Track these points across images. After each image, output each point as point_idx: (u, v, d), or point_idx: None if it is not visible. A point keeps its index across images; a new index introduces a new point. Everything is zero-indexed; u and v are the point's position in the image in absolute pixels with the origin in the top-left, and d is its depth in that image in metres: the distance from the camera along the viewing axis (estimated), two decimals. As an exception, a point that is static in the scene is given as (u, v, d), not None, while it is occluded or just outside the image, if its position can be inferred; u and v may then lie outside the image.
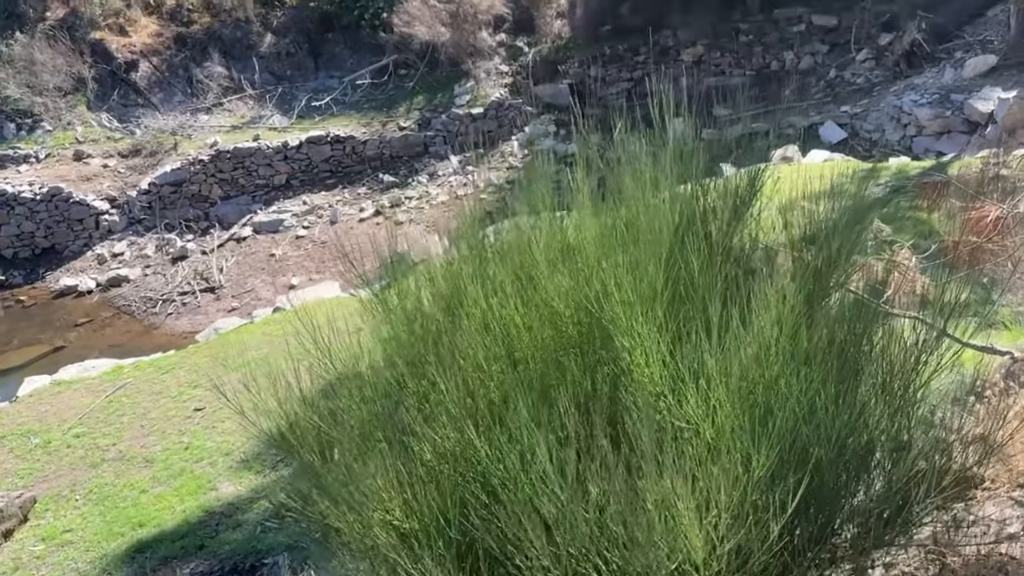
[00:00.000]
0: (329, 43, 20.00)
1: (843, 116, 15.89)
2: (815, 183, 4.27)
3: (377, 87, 19.12)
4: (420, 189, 16.78)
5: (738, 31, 18.61)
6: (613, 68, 19.13)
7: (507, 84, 18.81)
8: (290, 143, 17.24)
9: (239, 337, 8.19)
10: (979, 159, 10.64)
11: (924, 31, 16.11)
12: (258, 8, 19.96)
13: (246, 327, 8.87)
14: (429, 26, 17.92)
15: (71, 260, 16.06)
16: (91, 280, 15.37)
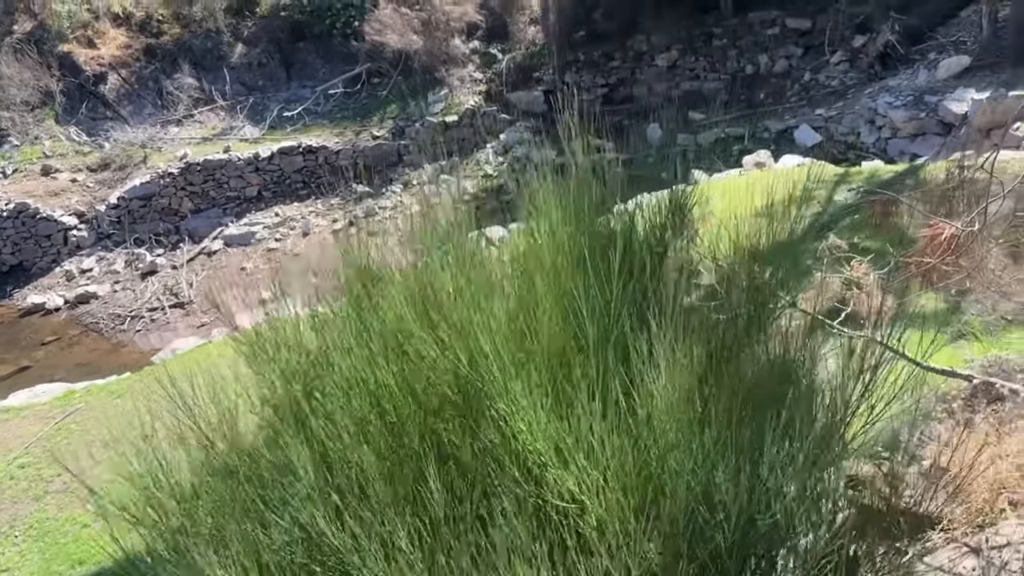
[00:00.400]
0: (301, 52, 19.78)
1: (818, 119, 15.80)
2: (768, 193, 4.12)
3: (350, 96, 18.91)
4: (394, 199, 16.58)
5: (712, 35, 18.52)
6: (588, 74, 19.00)
7: (481, 92, 18.66)
8: (261, 154, 17.00)
9: (195, 356, 7.97)
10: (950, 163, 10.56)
11: (898, 33, 16.05)
12: (228, 18, 19.72)
13: (204, 347, 8.64)
14: (401, 34, 17.74)
15: (39, 277, 15.75)
16: (59, 297, 15.06)
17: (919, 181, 9.41)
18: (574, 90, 18.92)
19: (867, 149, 14.81)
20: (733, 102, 17.88)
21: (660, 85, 18.89)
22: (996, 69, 14.64)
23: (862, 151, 14.84)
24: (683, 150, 16.76)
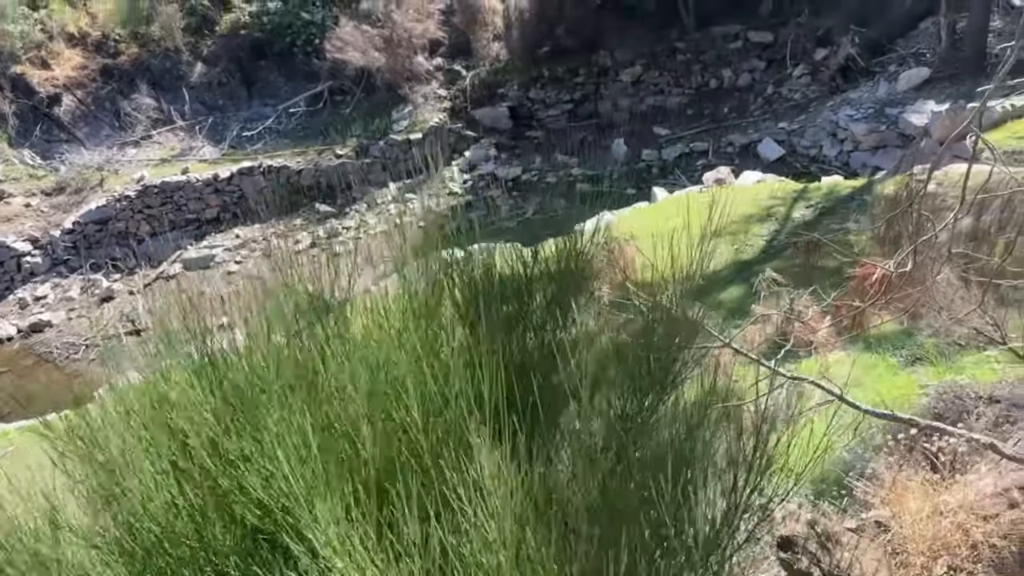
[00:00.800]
0: (262, 71, 19.53)
1: (781, 133, 15.80)
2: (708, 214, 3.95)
3: (313, 114, 18.67)
4: (357, 219, 16.34)
5: (675, 50, 18.51)
6: (553, 90, 18.90)
7: (446, 108, 18.49)
8: (221, 175, 16.71)
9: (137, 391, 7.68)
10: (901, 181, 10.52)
11: (858, 45, 16.12)
12: (187, 37, 19.43)
13: (149, 381, 8.34)
14: (363, 52, 17.54)
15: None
16: (11, 326, 14.64)
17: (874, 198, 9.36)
18: (539, 106, 18.88)
19: (830, 162, 14.82)
20: (697, 116, 17.87)
21: (625, 100, 18.84)
22: (955, 80, 14.71)
23: (825, 164, 14.84)
24: (648, 165, 16.73)
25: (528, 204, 16.16)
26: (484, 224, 15.64)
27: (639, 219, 10.32)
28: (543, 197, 16.35)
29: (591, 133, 18.41)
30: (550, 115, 18.94)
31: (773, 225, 9.11)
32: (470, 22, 18.50)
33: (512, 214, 15.86)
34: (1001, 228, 5.27)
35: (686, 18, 18.36)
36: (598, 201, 16.18)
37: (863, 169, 14.16)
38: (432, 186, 17.24)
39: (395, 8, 17.54)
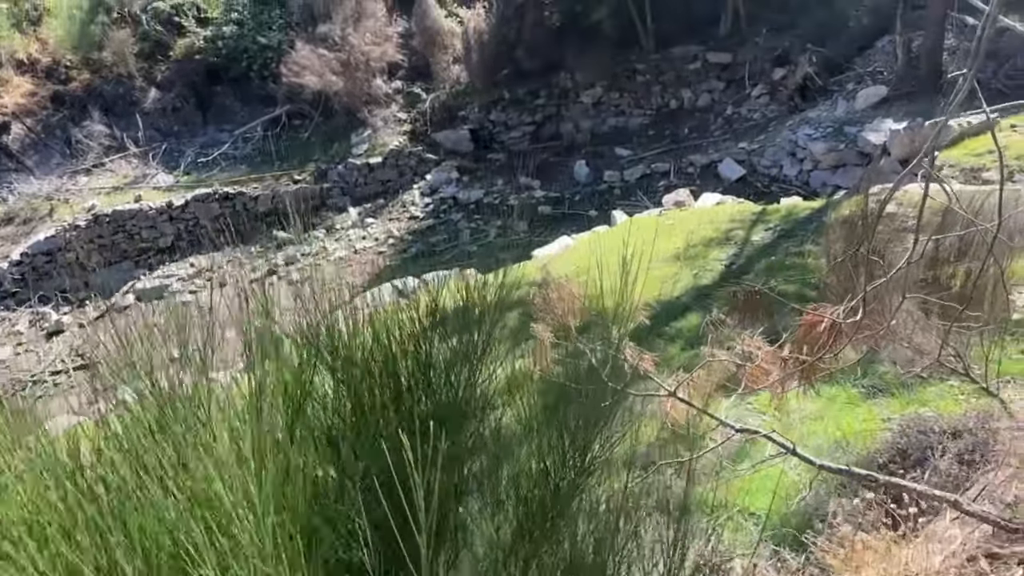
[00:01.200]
0: (218, 96, 19.20)
1: (741, 152, 15.78)
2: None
3: (270, 139, 18.36)
4: (316, 245, 16.02)
5: (635, 71, 18.50)
6: (514, 112, 18.79)
7: (406, 132, 18.29)
8: (175, 202, 16.32)
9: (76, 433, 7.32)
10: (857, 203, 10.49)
11: (816, 65, 16.20)
12: (141, 62, 19.07)
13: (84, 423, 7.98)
14: (320, 75, 17.30)
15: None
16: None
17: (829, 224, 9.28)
18: (500, 128, 18.75)
19: (790, 181, 14.81)
20: (659, 137, 17.84)
21: (586, 122, 18.78)
22: (913, 98, 14.82)
23: (785, 184, 14.83)
24: (610, 187, 16.64)
25: (490, 227, 15.96)
26: (446, 248, 15.45)
27: (595, 245, 10.14)
28: (505, 220, 16.15)
29: (553, 155, 18.31)
30: (512, 137, 18.82)
31: (732, 249, 8.99)
32: (429, 45, 18.35)
33: (474, 238, 15.65)
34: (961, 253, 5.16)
35: (645, 40, 18.37)
36: (560, 223, 16.10)
37: (823, 188, 14.16)
38: (393, 210, 17.00)
39: (352, 31, 17.34)
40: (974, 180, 12.51)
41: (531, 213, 16.27)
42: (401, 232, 16.21)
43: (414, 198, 17.25)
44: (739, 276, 8.35)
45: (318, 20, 18.14)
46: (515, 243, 15.21)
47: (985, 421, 5.00)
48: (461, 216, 16.56)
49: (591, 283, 8.51)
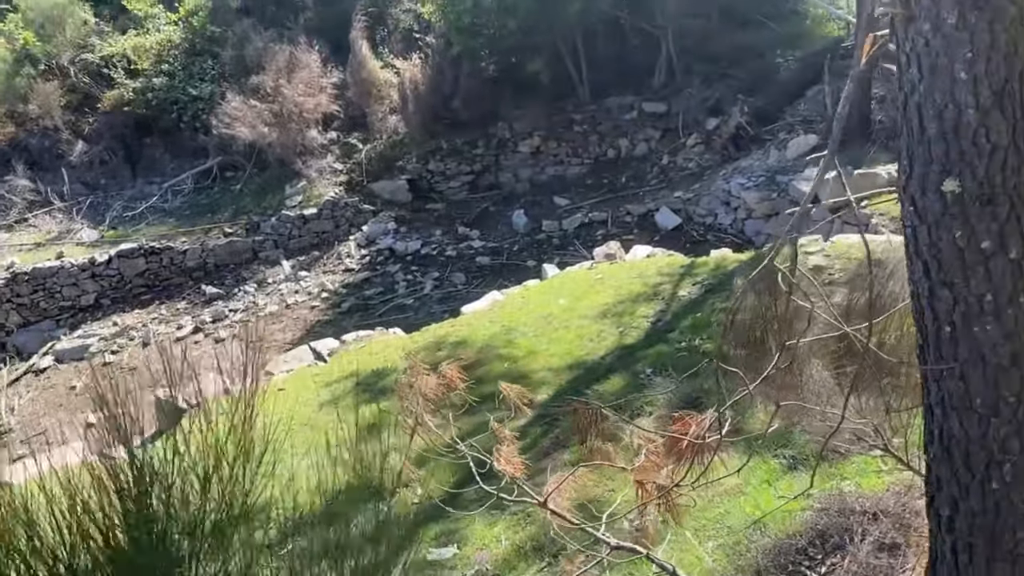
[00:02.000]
0: (148, 148, 18.75)
1: (677, 202, 15.80)
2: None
3: (201, 191, 17.92)
4: (246, 300, 15.52)
5: (572, 121, 18.55)
6: (452, 162, 18.65)
7: (342, 182, 17.99)
8: (98, 259, 15.71)
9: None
10: (798, 247, 10.44)
11: (747, 114, 16.38)
12: (68, 115, 18.56)
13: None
14: (252, 127, 16.98)
15: None
16: None
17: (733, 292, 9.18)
18: (439, 178, 18.58)
19: (725, 230, 14.83)
20: (596, 186, 17.82)
21: (525, 171, 18.72)
22: (843, 147, 14.99)
23: (721, 232, 14.85)
24: (548, 236, 16.50)
25: (427, 279, 15.65)
26: (381, 302, 15.08)
27: (524, 300, 9.91)
28: (442, 271, 15.89)
29: (492, 204, 18.17)
30: (450, 187, 18.66)
31: (660, 305, 8.81)
32: (365, 95, 18.18)
33: (410, 290, 15.31)
34: (880, 310, 4.99)
35: (581, 90, 18.46)
36: (498, 274, 15.89)
37: (757, 237, 14.20)
38: (328, 262, 16.61)
39: (285, 82, 17.10)
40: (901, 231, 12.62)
41: (468, 264, 16.04)
42: (335, 285, 15.80)
43: (350, 250, 16.90)
44: (665, 334, 8.16)
45: (251, 71, 17.88)
46: (452, 295, 14.95)
47: (905, 500, 4.79)
48: (398, 268, 16.24)
49: (511, 345, 8.20)
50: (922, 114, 2.62)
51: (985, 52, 2.46)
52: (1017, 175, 2.52)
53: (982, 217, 2.55)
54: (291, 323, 14.65)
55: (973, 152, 2.51)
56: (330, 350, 9.21)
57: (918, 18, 2.56)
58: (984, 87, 2.47)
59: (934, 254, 2.65)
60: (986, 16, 2.47)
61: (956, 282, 2.60)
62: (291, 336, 14.13)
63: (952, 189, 2.54)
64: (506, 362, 7.95)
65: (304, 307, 15.12)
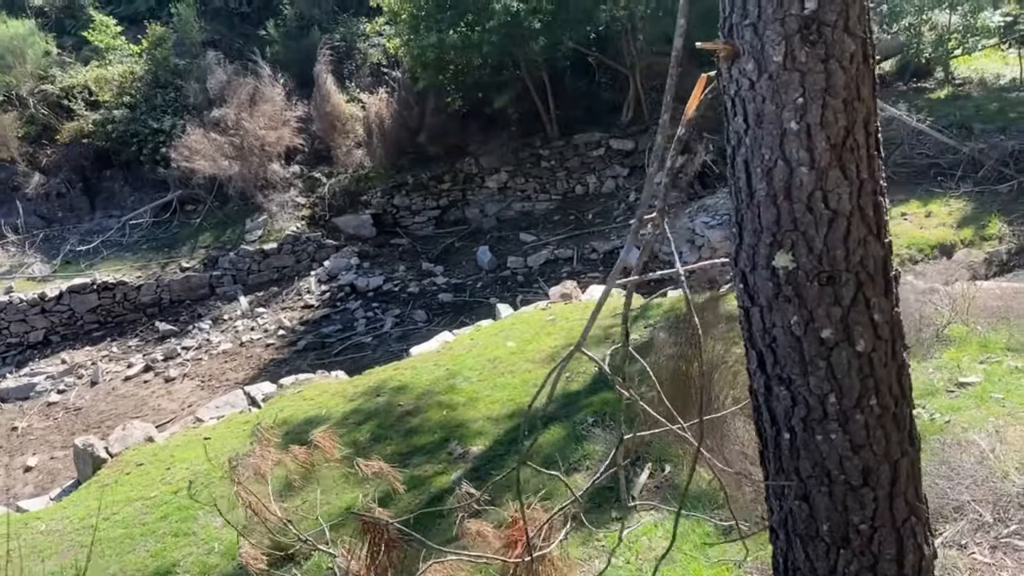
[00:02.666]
0: (107, 181, 18.38)
1: (641, 240, 15.55)
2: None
3: (159, 225, 17.55)
4: (200, 337, 15.08)
5: (540, 157, 18.38)
6: (418, 197, 18.40)
7: (305, 217, 17.67)
8: (48, 294, 15.27)
9: None
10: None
11: (712, 152, 16.25)
12: (25, 147, 18.18)
13: None
14: (212, 160, 16.68)
15: None
16: None
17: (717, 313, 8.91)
18: (405, 213, 18.30)
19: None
20: (563, 222, 17.61)
21: (492, 206, 18.49)
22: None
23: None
24: (513, 273, 16.22)
25: (387, 316, 15.30)
26: (339, 340, 14.70)
27: (474, 342, 9.58)
28: (404, 308, 15.55)
29: (458, 239, 17.89)
30: (416, 222, 18.39)
31: (610, 349, 8.50)
32: (329, 130, 17.95)
33: (369, 328, 14.95)
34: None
35: (549, 127, 18.32)
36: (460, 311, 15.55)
37: (722, 276, 13.97)
38: (287, 298, 16.23)
39: (247, 116, 16.83)
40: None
41: (430, 301, 15.72)
42: (293, 323, 15.41)
43: (310, 285, 16.54)
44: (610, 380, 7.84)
45: (214, 104, 17.63)
46: (412, 332, 14.59)
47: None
48: (359, 304, 15.87)
49: (452, 391, 7.82)
50: (750, 172, 2.20)
51: (819, 96, 2.03)
52: (864, 248, 2.10)
53: (822, 299, 2.08)
54: (244, 362, 14.23)
55: (808, 220, 2.08)
56: (265, 395, 8.82)
57: (742, 55, 2.15)
58: (820, 140, 2.04)
59: (768, 343, 2.22)
60: (819, 52, 2.02)
61: (794, 378, 2.16)
62: (243, 375, 13.70)
63: (785, 265, 2.08)
64: (445, 409, 7.60)
65: (259, 345, 14.71)
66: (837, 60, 2.05)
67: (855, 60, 2.06)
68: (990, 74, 17.49)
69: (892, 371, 2.18)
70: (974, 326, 7.45)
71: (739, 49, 2.13)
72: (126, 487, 7.11)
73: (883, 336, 2.15)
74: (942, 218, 12.72)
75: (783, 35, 2.04)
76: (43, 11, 20.83)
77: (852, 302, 2.10)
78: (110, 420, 12.99)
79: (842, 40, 2.04)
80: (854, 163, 2.08)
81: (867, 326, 2.09)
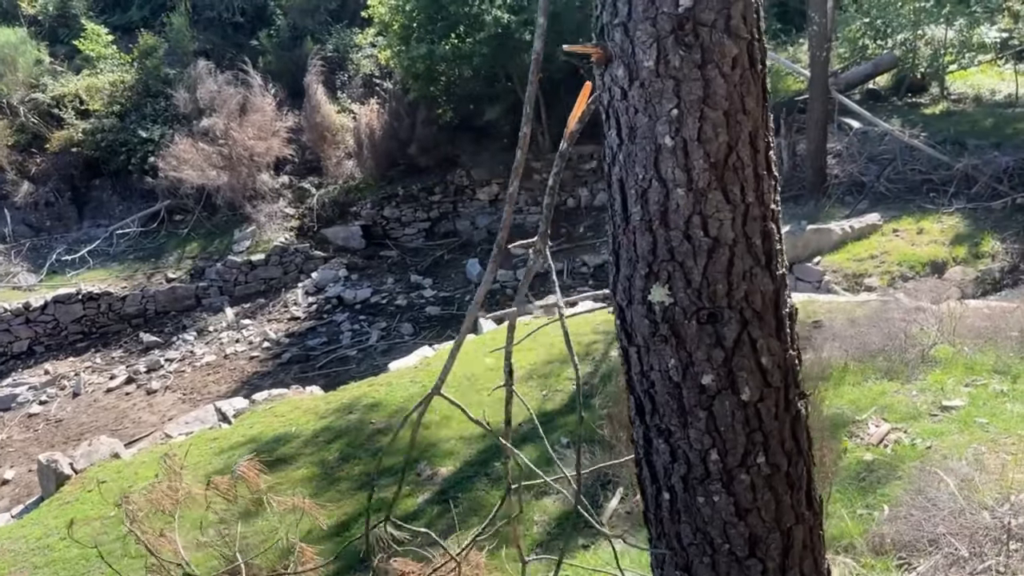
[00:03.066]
0: (96, 190, 18.27)
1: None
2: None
3: (147, 235, 17.40)
4: (184, 349, 14.92)
5: (532, 169, 18.20)
6: (408, 208, 18.26)
7: (293, 228, 17.53)
8: (33, 304, 15.12)
9: None
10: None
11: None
12: (15, 155, 18.07)
13: None
14: (200, 170, 16.56)
15: None
16: None
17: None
18: (394, 225, 18.16)
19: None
20: (554, 235, 17.43)
21: (483, 219, 18.35)
22: (799, 200, 14.74)
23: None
24: (502, 286, 16.05)
25: (373, 329, 15.13)
26: (324, 353, 14.54)
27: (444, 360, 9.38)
28: (390, 321, 15.39)
29: (448, 252, 17.75)
30: (406, 234, 18.24)
31: (589, 367, 8.35)
32: (319, 140, 17.83)
33: (355, 341, 14.78)
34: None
35: (541, 139, 18.16)
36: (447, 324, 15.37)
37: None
38: (273, 310, 16.08)
39: (235, 126, 16.72)
40: (857, 287, 12.25)
41: (418, 314, 15.56)
42: (279, 335, 15.24)
43: (297, 297, 16.39)
44: (588, 399, 7.67)
45: (204, 113, 17.52)
46: (398, 346, 14.42)
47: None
48: (345, 317, 15.71)
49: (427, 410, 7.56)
50: (625, 193, 1.95)
51: (697, 107, 1.75)
52: (749, 282, 1.84)
53: (701, 340, 1.80)
54: (227, 374, 14.06)
55: (686, 249, 1.79)
56: (237, 411, 8.65)
57: (613, 60, 1.90)
58: (698, 157, 1.76)
59: (646, 388, 1.93)
60: (695, 57, 1.74)
61: (673, 430, 1.88)
62: (225, 388, 13.54)
63: (661, 299, 1.83)
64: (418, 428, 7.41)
65: (243, 357, 14.54)
66: (716, 66, 1.79)
67: (739, 66, 1.81)
68: (986, 90, 17.33)
69: (785, 423, 1.93)
70: (961, 347, 7.26)
71: (611, 53, 1.88)
72: (87, 505, 6.93)
73: (773, 383, 1.89)
74: (934, 235, 12.54)
75: (655, 36, 1.79)
76: (37, 20, 20.75)
77: (736, 344, 1.84)
78: (90, 432, 12.82)
79: (722, 43, 1.79)
80: (738, 184, 1.83)
81: (753, 371, 1.84)
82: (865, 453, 5.56)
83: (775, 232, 1.89)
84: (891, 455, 5.51)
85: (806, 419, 2.04)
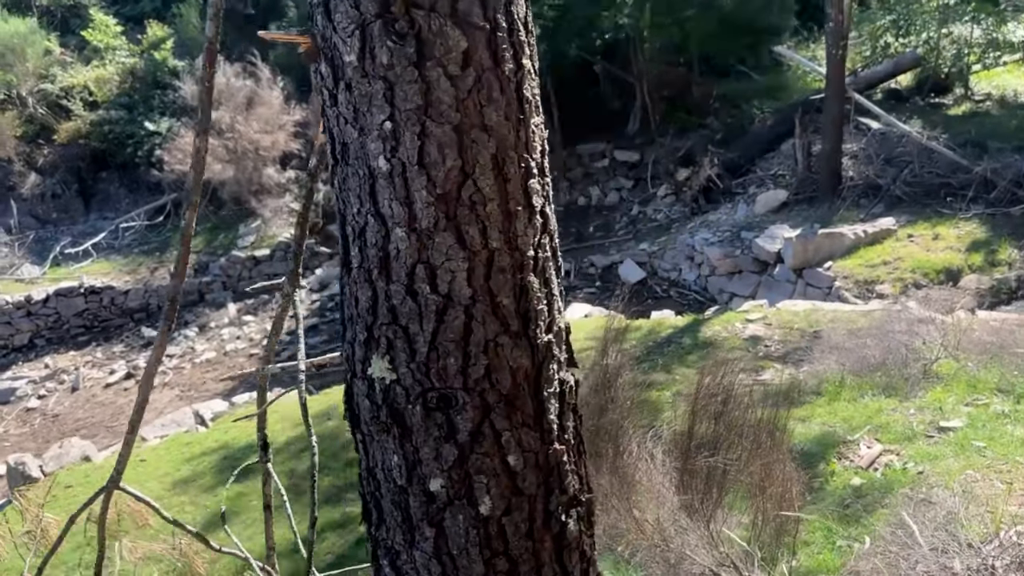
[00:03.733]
0: (103, 182, 18.18)
1: (642, 254, 15.08)
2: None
3: (153, 229, 17.30)
4: (185, 345, 14.79)
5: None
6: (416, 205, 18.00)
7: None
8: (35, 297, 15.05)
9: None
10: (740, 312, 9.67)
11: (718, 166, 15.72)
12: (23, 146, 18.02)
13: None
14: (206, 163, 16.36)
15: None
16: None
17: (697, 340, 8.40)
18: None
19: (688, 287, 14.11)
20: (564, 235, 17.10)
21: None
22: (813, 203, 14.33)
23: (684, 289, 14.13)
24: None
25: (376, 328, 14.90)
26: (323, 352, 14.31)
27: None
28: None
29: (455, 251, 17.48)
30: (414, 231, 18.00)
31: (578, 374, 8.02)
32: (327, 135, 17.58)
33: (356, 340, 14.56)
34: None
35: (552, 135, 17.83)
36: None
37: (720, 295, 13.45)
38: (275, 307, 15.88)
39: (241, 119, 16.54)
40: (868, 294, 11.82)
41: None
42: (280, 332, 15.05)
43: (300, 295, 16.16)
44: (575, 410, 7.35)
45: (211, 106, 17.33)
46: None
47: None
48: (349, 315, 15.50)
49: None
50: (346, 231, 1.50)
51: (416, 120, 1.33)
52: (495, 355, 1.40)
53: (429, 432, 1.39)
54: (226, 371, 13.89)
55: (410, 309, 1.38)
56: (215, 414, 8.44)
57: (320, 55, 1.44)
58: (420, 187, 1.34)
59: (372, 490, 1.53)
60: (408, 51, 1.30)
61: (399, 550, 1.49)
62: (223, 386, 13.37)
63: (382, 375, 1.44)
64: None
65: (242, 355, 14.37)
66: (439, 64, 1.35)
67: (475, 64, 1.36)
68: (1011, 91, 16.76)
69: (543, 546, 1.47)
70: (965, 362, 6.88)
71: (318, 44, 1.44)
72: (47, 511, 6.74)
73: (525, 490, 1.45)
74: (950, 241, 12.08)
75: (358, 22, 1.34)
76: (49, 10, 20.72)
77: (473, 437, 1.41)
78: (86, 428, 12.72)
79: (446, 33, 1.33)
80: (476, 224, 1.38)
81: (498, 474, 1.42)
82: (853, 477, 5.23)
83: (534, 287, 1.47)
84: (881, 480, 5.17)
85: (584, 535, 1.56)
